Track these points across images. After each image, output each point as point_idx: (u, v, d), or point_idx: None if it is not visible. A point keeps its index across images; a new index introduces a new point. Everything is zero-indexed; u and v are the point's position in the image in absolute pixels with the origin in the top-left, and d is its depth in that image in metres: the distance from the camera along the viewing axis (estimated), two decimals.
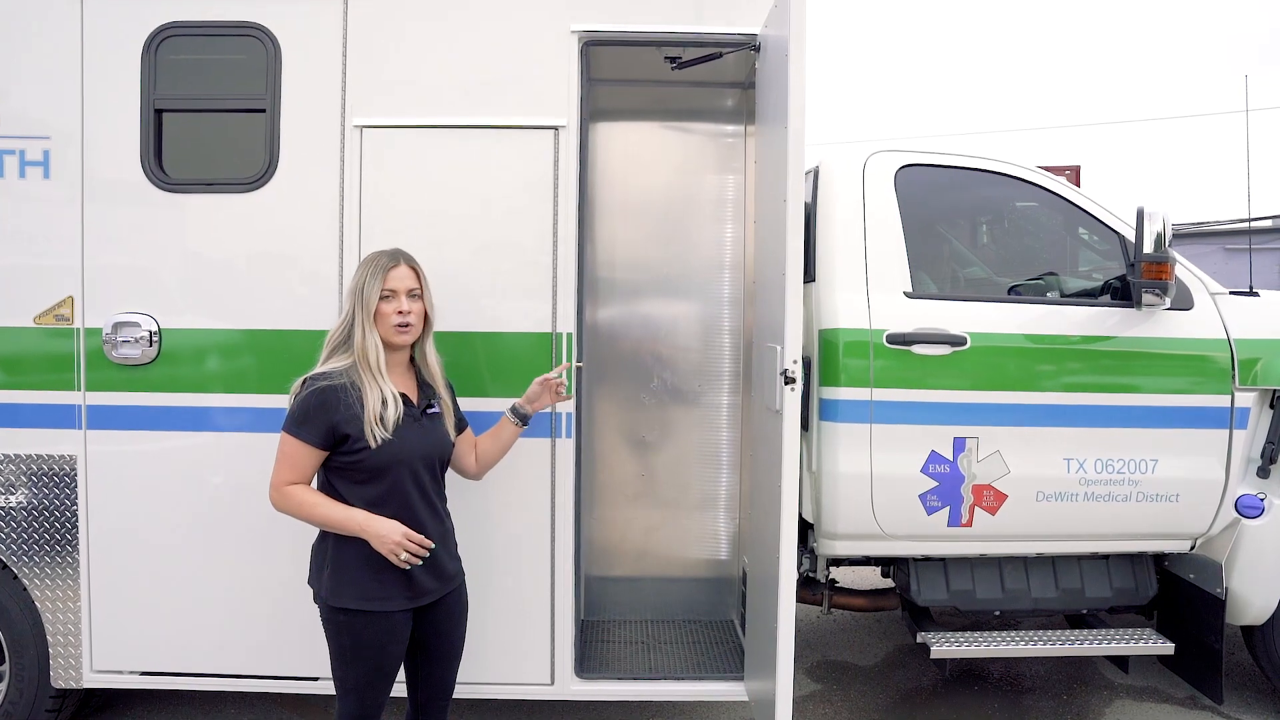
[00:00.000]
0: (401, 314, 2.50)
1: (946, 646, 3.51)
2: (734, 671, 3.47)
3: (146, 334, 3.17)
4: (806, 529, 3.62)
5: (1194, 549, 3.59)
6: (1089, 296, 3.57)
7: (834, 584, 3.89)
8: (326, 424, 2.40)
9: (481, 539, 3.13)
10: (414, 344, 2.61)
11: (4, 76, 3.18)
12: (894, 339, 3.40)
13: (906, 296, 3.47)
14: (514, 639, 3.25)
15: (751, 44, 3.16)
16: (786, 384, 2.73)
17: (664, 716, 3.81)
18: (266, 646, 3.26)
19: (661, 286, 4.11)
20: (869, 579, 4.40)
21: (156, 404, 3.19)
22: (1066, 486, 3.42)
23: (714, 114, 4.12)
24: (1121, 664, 3.75)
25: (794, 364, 2.73)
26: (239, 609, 3.24)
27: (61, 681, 3.29)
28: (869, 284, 3.48)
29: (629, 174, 4.10)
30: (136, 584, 3.24)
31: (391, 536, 2.38)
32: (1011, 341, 3.43)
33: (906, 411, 3.41)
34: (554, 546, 3.23)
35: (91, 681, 3.28)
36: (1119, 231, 3.56)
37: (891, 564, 3.79)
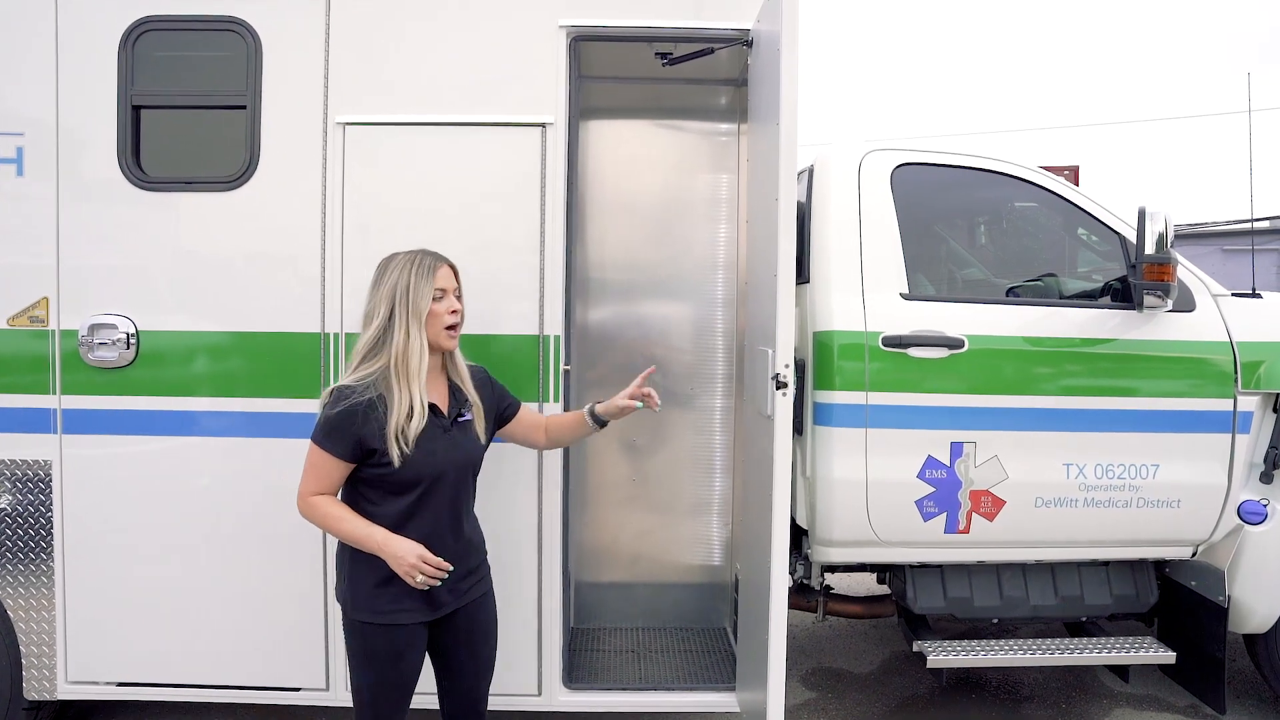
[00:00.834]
0: (454, 313, 2.44)
1: (943, 656, 3.43)
2: (726, 681, 3.39)
3: (124, 336, 3.09)
4: (801, 535, 3.55)
5: (1195, 556, 3.52)
6: (1089, 298, 3.50)
7: (829, 591, 3.82)
8: (354, 437, 2.31)
9: None
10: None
11: None
12: (890, 341, 3.33)
13: (903, 298, 3.41)
14: (500, 648, 3.16)
15: (744, 39, 3.08)
16: (778, 389, 2.65)
17: None
18: (248, 656, 3.18)
19: (654, 287, 4.03)
20: (865, 585, 4.33)
21: (134, 407, 3.11)
22: (1066, 492, 3.35)
23: (707, 112, 4.05)
24: (1122, 672, 3.67)
25: (785, 368, 2.65)
26: (220, 618, 3.16)
27: (35, 693, 3.20)
28: (864, 285, 3.41)
29: (621, 173, 4.03)
30: (114, 592, 3.16)
31: (407, 559, 2.28)
32: (1010, 344, 3.36)
33: (902, 415, 3.34)
34: (541, 552, 3.15)
35: (66, 693, 3.20)
36: (1119, 232, 3.49)
37: (888, 570, 3.71)
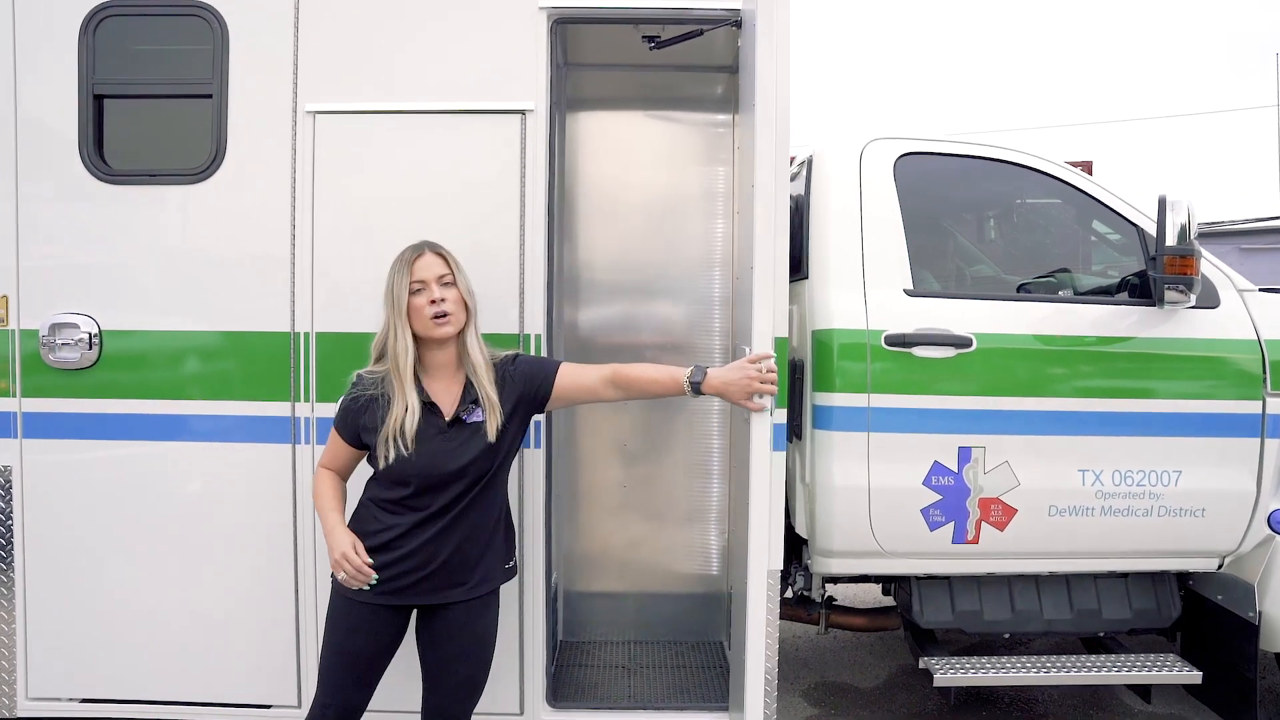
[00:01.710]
0: (435, 303, 2.35)
1: (951, 674, 3.23)
2: (720, 699, 3.21)
3: (86, 336, 2.95)
4: (801, 545, 3.37)
5: (1222, 568, 3.30)
6: (1105, 294, 3.30)
7: (831, 602, 3.63)
8: (355, 427, 2.42)
9: None
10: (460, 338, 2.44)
11: None
12: (893, 340, 3.14)
13: (907, 294, 3.22)
14: None
15: (733, 19, 2.90)
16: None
17: None
18: (218, 672, 3.03)
19: (646, 285, 3.85)
20: (870, 596, 4.13)
21: (97, 410, 2.97)
22: (1081, 500, 3.14)
23: (701, 101, 3.86)
24: (1143, 692, 3.46)
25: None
26: (187, 632, 3.01)
27: None
28: (866, 281, 3.23)
29: (611, 165, 3.85)
30: (77, 604, 3.03)
31: (334, 552, 2.36)
32: (1021, 343, 3.16)
33: (907, 419, 3.15)
34: (522, 561, 2.99)
35: (26, 710, 3.06)
36: (1137, 224, 3.29)
37: (893, 581, 3.52)
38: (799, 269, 3.33)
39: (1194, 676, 3.23)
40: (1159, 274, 3.06)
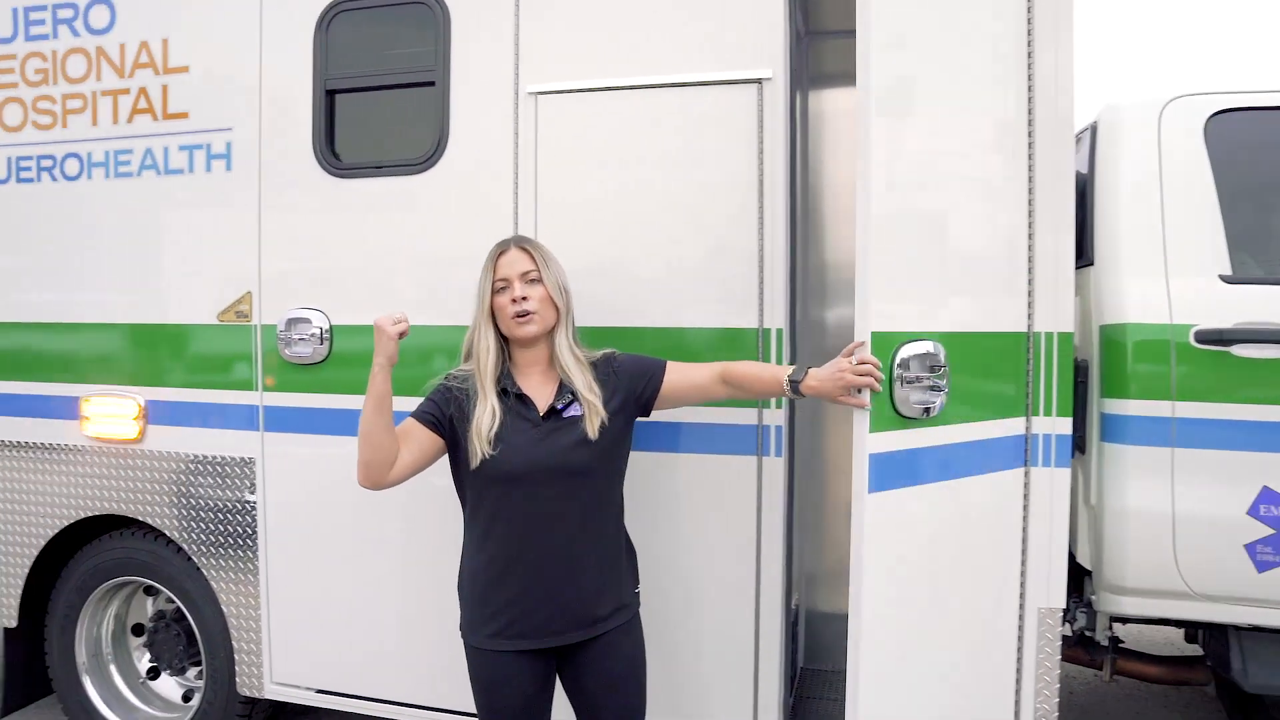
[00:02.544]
0: (516, 302, 2.21)
1: None
2: None
3: (318, 331, 2.97)
4: (1084, 576, 2.87)
5: None
6: None
7: (1119, 644, 3.09)
8: (439, 412, 2.24)
9: (668, 569, 2.68)
10: (549, 337, 2.29)
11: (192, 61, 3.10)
12: (1205, 337, 2.59)
13: (1224, 281, 2.64)
14: (701, 690, 2.75)
15: None
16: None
17: None
18: (441, 675, 2.95)
19: None
20: (1162, 637, 3.51)
21: (327, 406, 2.99)
22: None
23: None
24: None
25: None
26: (412, 632, 2.97)
27: (245, 689, 3.19)
28: (1168, 266, 2.68)
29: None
30: (312, 596, 3.07)
31: (379, 341, 2.14)
32: None
33: (1224, 433, 2.59)
34: (758, 583, 2.69)
35: (272, 693, 3.15)
36: None
37: (1201, 628, 2.93)
38: (1082, 254, 2.83)
39: None
40: None
